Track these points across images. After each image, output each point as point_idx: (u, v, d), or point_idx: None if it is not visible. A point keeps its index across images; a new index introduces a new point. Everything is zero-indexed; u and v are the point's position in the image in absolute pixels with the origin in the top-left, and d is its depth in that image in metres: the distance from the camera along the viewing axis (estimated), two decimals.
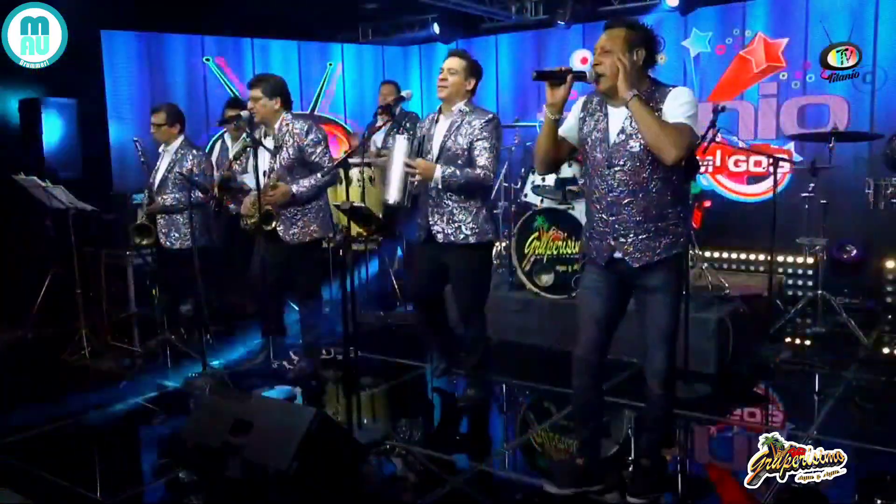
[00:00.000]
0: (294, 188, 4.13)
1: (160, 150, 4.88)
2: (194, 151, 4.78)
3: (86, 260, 5.08)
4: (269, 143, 4.23)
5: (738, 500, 3.04)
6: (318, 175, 4.17)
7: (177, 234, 4.74)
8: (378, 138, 6.03)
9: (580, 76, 2.65)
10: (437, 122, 3.75)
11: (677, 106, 2.59)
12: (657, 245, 2.68)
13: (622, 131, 2.65)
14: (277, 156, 4.16)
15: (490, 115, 3.66)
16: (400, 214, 5.22)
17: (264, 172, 4.13)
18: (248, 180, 4.36)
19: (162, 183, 4.74)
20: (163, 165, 4.80)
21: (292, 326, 4.91)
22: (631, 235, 2.69)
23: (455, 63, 3.64)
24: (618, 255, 2.72)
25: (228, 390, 4.07)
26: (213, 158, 5.34)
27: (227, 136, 5.60)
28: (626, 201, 2.67)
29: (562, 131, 2.82)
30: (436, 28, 7.43)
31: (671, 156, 2.51)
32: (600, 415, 2.99)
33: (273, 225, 4.17)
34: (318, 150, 4.18)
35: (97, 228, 5.10)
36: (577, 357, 2.85)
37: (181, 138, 4.79)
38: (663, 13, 6.36)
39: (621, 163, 2.65)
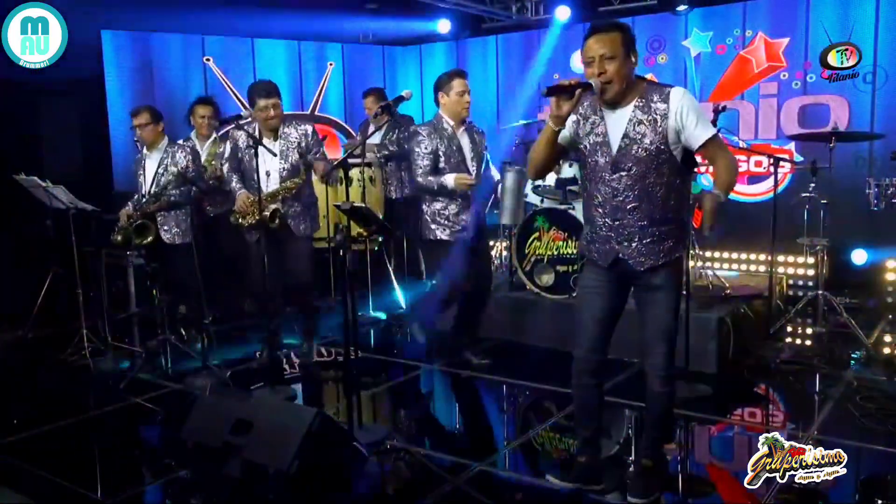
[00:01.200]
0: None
1: (142, 152, 4.83)
2: (187, 148, 4.80)
3: (86, 260, 5.08)
4: (271, 145, 4.39)
5: (738, 500, 3.03)
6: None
7: (177, 230, 4.77)
8: (377, 138, 6.04)
9: (587, 87, 2.59)
10: (454, 136, 4.30)
11: (693, 123, 2.57)
12: (661, 249, 2.68)
13: (626, 136, 2.63)
14: (288, 157, 4.38)
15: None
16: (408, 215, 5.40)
17: (267, 173, 4.34)
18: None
19: (164, 183, 4.73)
20: (150, 166, 4.78)
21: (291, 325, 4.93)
22: (635, 241, 2.69)
23: (468, 86, 4.27)
24: (622, 256, 2.72)
25: (228, 390, 4.07)
26: None
27: (193, 136, 5.56)
28: (630, 206, 2.66)
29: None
30: (443, 25, 7.43)
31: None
32: (601, 415, 2.99)
33: (276, 222, 4.32)
34: (321, 150, 4.51)
35: (97, 228, 5.10)
36: (578, 357, 2.86)
37: (165, 138, 4.82)
38: (664, 13, 6.36)
39: (627, 167, 2.64)
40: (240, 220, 4.40)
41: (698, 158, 2.75)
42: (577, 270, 4.69)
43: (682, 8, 6.17)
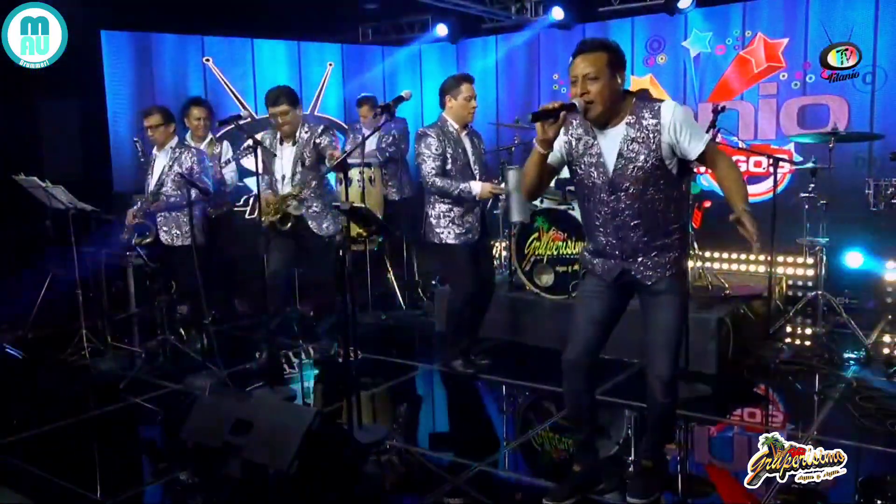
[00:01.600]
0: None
1: (153, 152, 4.88)
2: (193, 150, 4.81)
3: (86, 260, 5.08)
4: (287, 147, 4.50)
5: (738, 500, 3.04)
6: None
7: (178, 232, 4.77)
8: (372, 142, 6.05)
9: (571, 108, 2.55)
10: (458, 139, 4.29)
11: (687, 137, 2.56)
12: (666, 261, 2.68)
13: (620, 155, 2.61)
14: (303, 158, 4.46)
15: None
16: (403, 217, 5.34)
17: (283, 176, 4.47)
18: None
19: (161, 182, 4.75)
20: (158, 166, 4.81)
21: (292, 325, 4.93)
22: (640, 256, 2.68)
23: (475, 91, 4.28)
24: (628, 271, 2.71)
25: (228, 390, 4.07)
26: None
27: (189, 137, 5.56)
28: (633, 224, 2.65)
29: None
30: (441, 29, 7.43)
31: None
32: (594, 417, 2.98)
33: (289, 225, 4.39)
34: (332, 142, 4.60)
35: (97, 228, 5.10)
36: (567, 360, 2.82)
37: (175, 138, 4.83)
38: (664, 13, 6.35)
39: (625, 186, 2.62)
40: (262, 219, 4.45)
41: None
42: (577, 271, 4.69)
43: (685, 4, 6.14)
